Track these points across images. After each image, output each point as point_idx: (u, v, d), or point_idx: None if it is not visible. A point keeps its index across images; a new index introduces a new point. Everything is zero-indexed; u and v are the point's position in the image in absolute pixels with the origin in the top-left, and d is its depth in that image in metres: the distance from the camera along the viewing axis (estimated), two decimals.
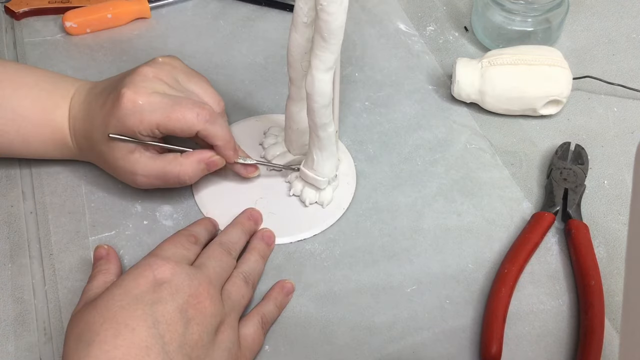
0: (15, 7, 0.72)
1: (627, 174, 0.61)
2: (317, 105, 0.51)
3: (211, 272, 0.48)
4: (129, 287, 0.44)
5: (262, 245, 0.55)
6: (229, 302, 0.48)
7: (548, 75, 0.63)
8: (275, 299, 0.52)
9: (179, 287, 0.45)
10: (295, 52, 0.52)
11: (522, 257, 0.54)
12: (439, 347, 0.51)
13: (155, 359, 0.42)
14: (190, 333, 0.44)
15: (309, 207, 0.58)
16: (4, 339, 0.50)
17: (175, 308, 0.44)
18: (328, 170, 0.56)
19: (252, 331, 0.49)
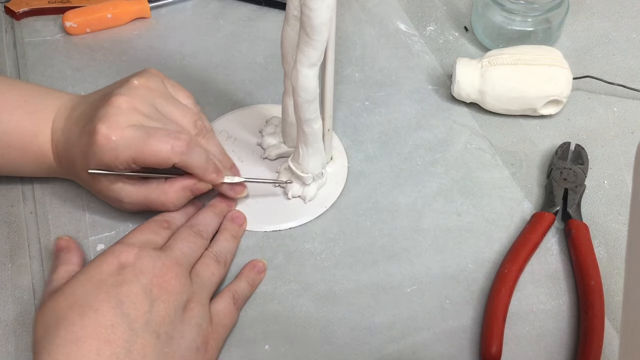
0: (15, 7, 0.72)
1: (627, 174, 0.61)
2: (300, 99, 0.51)
3: (177, 253, 0.49)
4: (93, 272, 0.46)
5: (232, 226, 0.56)
6: (197, 280, 0.49)
7: (548, 75, 0.63)
8: (247, 276, 0.53)
9: (142, 269, 0.46)
10: (286, 44, 0.52)
11: (522, 257, 0.54)
12: (439, 347, 0.51)
13: (121, 336, 0.43)
14: (156, 311, 0.45)
15: (291, 200, 0.58)
16: (4, 339, 0.50)
17: (139, 288, 0.45)
18: (313, 166, 0.56)
19: (223, 307, 0.50)
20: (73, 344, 0.42)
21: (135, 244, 0.48)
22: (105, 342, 0.42)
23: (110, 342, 0.42)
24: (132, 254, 0.47)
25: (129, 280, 0.45)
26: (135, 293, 0.44)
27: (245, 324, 0.52)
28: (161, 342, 0.44)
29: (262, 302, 0.53)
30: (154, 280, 0.46)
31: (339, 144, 0.63)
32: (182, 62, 0.69)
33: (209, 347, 0.47)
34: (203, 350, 0.47)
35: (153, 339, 0.44)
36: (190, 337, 0.46)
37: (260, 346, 0.51)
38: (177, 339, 0.45)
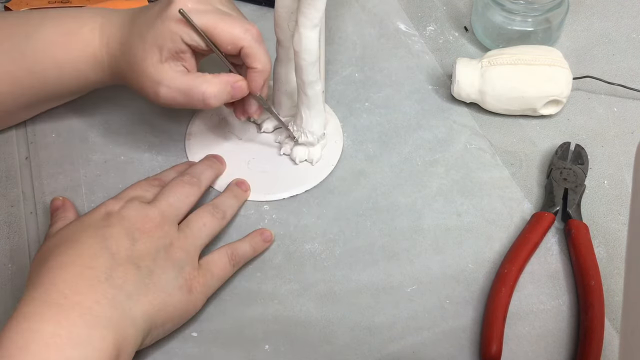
0: (15, 7, 0.72)
1: (627, 174, 0.61)
2: (304, 62, 0.53)
3: (164, 204, 0.51)
4: (83, 218, 0.50)
5: (236, 188, 0.57)
6: (186, 229, 0.51)
7: (548, 75, 0.63)
8: (252, 239, 0.55)
9: (126, 216, 0.49)
10: (282, 11, 0.54)
11: (522, 257, 0.54)
12: (439, 347, 0.51)
13: (103, 263, 0.46)
14: (137, 247, 0.48)
15: (299, 165, 0.60)
16: None
17: (121, 229, 0.48)
18: (316, 128, 0.58)
19: (217, 257, 0.52)
20: (58, 269, 0.45)
21: (124, 197, 0.51)
22: (87, 267, 0.45)
23: (92, 267, 0.46)
24: (119, 205, 0.50)
25: (113, 224, 0.48)
26: (117, 232, 0.48)
27: (245, 324, 0.52)
28: (142, 273, 0.47)
29: (262, 302, 0.53)
30: (136, 225, 0.49)
31: (327, 106, 0.64)
32: None
33: (194, 290, 0.49)
34: (186, 290, 0.49)
35: (133, 269, 0.47)
36: (171, 275, 0.48)
37: (260, 346, 0.51)
38: (157, 274, 0.48)
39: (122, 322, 0.45)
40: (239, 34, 0.52)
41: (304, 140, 0.59)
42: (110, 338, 0.44)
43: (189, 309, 0.49)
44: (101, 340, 0.43)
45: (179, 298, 0.48)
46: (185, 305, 0.49)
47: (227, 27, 0.52)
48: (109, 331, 0.44)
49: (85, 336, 0.43)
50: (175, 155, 0.61)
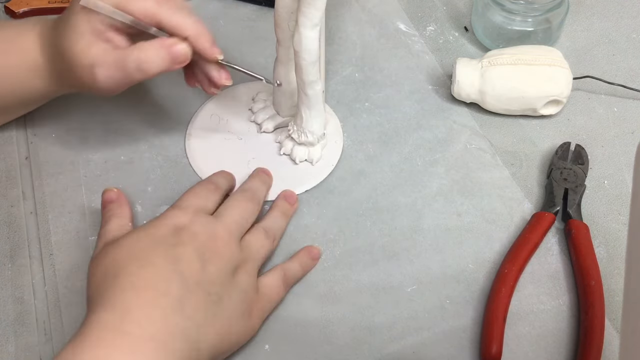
0: (15, 7, 0.72)
1: (627, 174, 0.61)
2: (304, 62, 0.53)
3: (229, 220, 0.50)
4: (151, 231, 0.48)
5: (284, 204, 0.57)
6: (247, 250, 0.50)
7: (548, 75, 0.63)
8: (301, 259, 0.54)
9: (196, 233, 0.48)
10: (282, 11, 0.54)
11: (522, 257, 0.54)
12: (439, 347, 0.51)
13: (176, 290, 0.44)
14: (208, 272, 0.46)
15: (299, 164, 0.60)
16: (4, 339, 0.50)
17: (193, 249, 0.47)
18: (316, 128, 0.58)
19: (271, 280, 0.51)
20: (131, 292, 0.44)
21: (190, 208, 0.50)
22: (161, 293, 0.44)
23: (166, 294, 0.44)
24: (187, 218, 0.49)
25: (183, 242, 0.47)
26: (189, 253, 0.46)
27: None
28: (211, 301, 0.46)
29: None
30: (207, 244, 0.47)
31: (327, 105, 0.64)
32: None
33: (253, 315, 0.49)
34: (247, 316, 0.48)
35: (204, 297, 0.45)
36: (237, 300, 0.47)
37: (260, 346, 0.51)
38: (225, 301, 0.47)
39: (190, 355, 0.44)
40: (152, 9, 0.50)
41: (304, 140, 0.59)
42: None
43: (247, 333, 0.49)
44: None
45: (241, 324, 0.48)
46: (245, 330, 0.48)
47: (139, 3, 0.50)
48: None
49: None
50: (175, 155, 0.61)
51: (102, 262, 0.47)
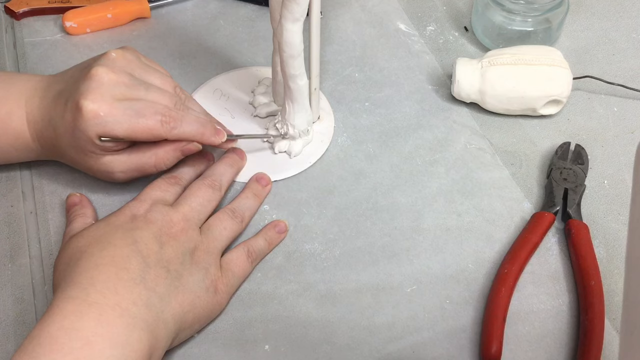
0: (15, 7, 0.72)
1: (627, 174, 0.61)
2: (285, 55, 0.54)
3: (186, 208, 0.52)
4: (110, 220, 0.50)
5: (255, 185, 0.58)
6: (207, 232, 0.52)
7: (548, 75, 0.63)
8: (266, 234, 0.55)
9: (152, 220, 0.50)
10: (274, 3, 0.55)
11: (522, 257, 0.54)
12: (439, 347, 0.51)
13: (136, 265, 0.46)
14: (165, 252, 0.48)
15: (277, 155, 0.61)
16: (4, 339, 0.50)
17: (150, 233, 0.49)
18: (299, 122, 0.59)
19: (235, 257, 0.53)
20: (94, 269, 0.45)
21: (147, 199, 0.52)
22: (122, 268, 0.46)
23: (127, 269, 0.46)
24: (144, 208, 0.51)
25: (140, 227, 0.49)
26: (146, 236, 0.48)
27: (245, 324, 0.52)
28: (171, 277, 0.48)
29: (262, 302, 0.53)
30: (162, 230, 0.49)
31: (327, 105, 0.65)
32: (182, 62, 0.69)
33: (219, 290, 0.50)
34: (212, 291, 0.50)
35: (164, 272, 0.48)
36: (198, 277, 0.49)
37: (260, 346, 0.51)
38: (185, 277, 0.49)
39: (156, 324, 0.45)
40: (157, 131, 0.52)
41: (286, 132, 0.59)
42: (145, 340, 0.44)
43: (215, 308, 0.50)
44: (139, 341, 0.44)
45: (206, 299, 0.49)
46: (212, 306, 0.50)
47: (144, 129, 0.51)
48: (145, 333, 0.44)
49: (125, 337, 0.43)
50: None
51: (65, 253, 0.49)
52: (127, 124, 0.51)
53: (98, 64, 0.52)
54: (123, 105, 0.51)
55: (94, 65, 0.52)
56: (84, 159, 0.54)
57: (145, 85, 0.53)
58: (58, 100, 0.53)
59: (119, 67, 0.53)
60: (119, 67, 0.53)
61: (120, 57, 0.53)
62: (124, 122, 0.51)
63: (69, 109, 0.51)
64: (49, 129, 0.53)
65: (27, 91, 0.55)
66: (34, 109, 0.54)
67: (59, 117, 0.52)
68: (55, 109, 0.53)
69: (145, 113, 0.51)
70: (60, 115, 0.52)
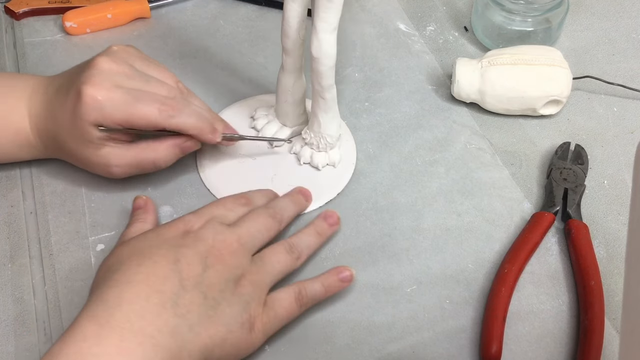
0: (15, 7, 0.72)
1: (627, 174, 0.61)
2: (324, 67, 0.53)
3: (243, 231, 0.49)
4: (160, 232, 0.48)
5: (321, 223, 0.55)
6: (259, 262, 0.49)
7: (548, 75, 0.63)
8: (325, 279, 0.51)
9: (202, 238, 0.47)
10: (293, 22, 0.53)
11: (522, 257, 0.54)
12: (439, 347, 0.51)
13: (171, 288, 0.44)
14: (207, 276, 0.46)
15: (322, 170, 0.59)
16: (4, 339, 0.50)
17: (195, 252, 0.46)
18: (334, 130, 0.58)
19: (283, 296, 0.49)
20: (125, 286, 0.44)
21: (205, 215, 0.50)
22: (155, 290, 0.44)
23: (160, 291, 0.44)
24: (198, 224, 0.49)
25: (188, 244, 0.47)
26: (191, 255, 0.46)
27: None
28: (207, 304, 0.45)
29: None
30: (211, 250, 0.47)
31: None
32: (182, 62, 0.69)
33: (255, 329, 0.47)
34: (247, 328, 0.46)
35: (200, 299, 0.45)
36: (237, 309, 0.46)
37: (260, 346, 0.51)
38: (223, 307, 0.46)
39: (180, 355, 0.43)
40: (154, 119, 0.52)
41: (324, 144, 0.58)
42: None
43: (247, 347, 0.47)
44: None
45: (238, 335, 0.46)
46: (244, 344, 0.47)
47: (141, 115, 0.51)
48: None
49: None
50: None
51: (108, 260, 0.47)
52: (124, 109, 0.51)
53: (100, 54, 0.53)
54: (121, 91, 0.51)
55: (96, 57, 0.53)
56: (82, 150, 0.53)
57: (146, 76, 0.54)
58: (59, 92, 0.53)
59: (121, 58, 0.53)
60: (120, 58, 0.53)
61: (122, 50, 0.54)
62: (121, 108, 0.51)
63: (69, 97, 0.52)
64: (50, 121, 0.54)
65: (30, 88, 0.55)
66: (36, 103, 0.54)
67: (60, 106, 0.53)
68: (57, 101, 0.53)
69: (143, 99, 0.51)
70: (61, 104, 0.53)
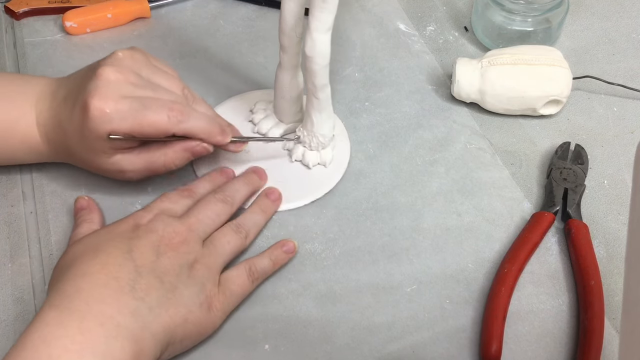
0: (15, 7, 0.72)
1: (627, 174, 0.61)
2: (317, 66, 0.53)
3: (192, 220, 0.51)
4: (110, 228, 0.50)
5: (264, 200, 0.57)
6: (210, 246, 0.51)
7: (548, 75, 0.63)
8: (271, 253, 0.54)
9: (153, 229, 0.49)
10: (290, 20, 0.53)
11: (522, 257, 0.54)
12: (439, 347, 0.51)
13: (127, 274, 0.46)
14: (162, 262, 0.47)
15: (312, 169, 0.60)
16: (4, 339, 0.50)
17: (147, 242, 0.48)
18: (327, 130, 0.58)
19: (235, 274, 0.51)
20: (82, 278, 0.45)
21: (154, 209, 0.51)
22: (112, 277, 0.45)
23: (116, 278, 0.45)
24: (147, 218, 0.50)
25: (139, 236, 0.48)
26: (143, 245, 0.48)
27: (245, 324, 0.52)
28: (164, 288, 0.47)
29: (262, 302, 0.53)
30: (162, 240, 0.48)
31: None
32: (182, 62, 0.69)
33: (213, 308, 0.49)
34: (206, 308, 0.48)
35: (157, 283, 0.46)
36: (193, 291, 0.48)
37: (260, 346, 0.51)
38: (180, 289, 0.47)
39: (142, 334, 0.44)
40: (164, 125, 0.51)
41: (316, 143, 0.58)
42: (129, 349, 0.43)
43: (207, 326, 0.49)
44: (120, 350, 0.43)
45: (198, 315, 0.48)
46: (205, 322, 0.48)
47: (150, 123, 0.51)
48: (129, 342, 0.43)
49: (105, 345, 0.42)
50: None
51: (63, 259, 0.48)
52: (132, 118, 0.51)
53: (105, 63, 0.52)
54: (129, 101, 0.51)
55: (101, 64, 0.52)
56: (94, 158, 0.53)
57: (153, 85, 0.53)
58: (66, 102, 0.53)
59: (126, 67, 0.53)
60: (125, 66, 0.53)
61: (127, 57, 0.53)
62: (129, 117, 0.51)
63: (76, 109, 0.51)
64: (59, 130, 0.54)
65: (36, 94, 0.55)
66: (43, 111, 0.54)
67: (68, 118, 0.52)
68: (64, 111, 0.53)
69: (151, 106, 0.51)
70: (68, 116, 0.52)
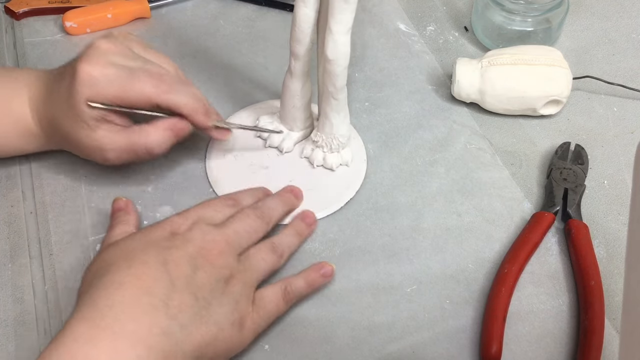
0: (15, 7, 0.72)
1: (627, 174, 0.61)
2: (340, 68, 0.53)
3: (230, 231, 0.50)
4: (146, 233, 0.48)
5: (299, 223, 0.56)
6: (245, 261, 0.49)
7: (548, 75, 0.63)
8: (308, 275, 0.52)
9: (190, 239, 0.47)
10: (305, 27, 0.53)
11: (522, 257, 0.54)
12: (439, 347, 0.51)
13: (161, 290, 0.44)
14: (197, 277, 0.46)
15: (336, 171, 0.59)
16: (4, 339, 0.50)
17: (184, 254, 0.46)
18: (345, 130, 0.58)
19: (270, 293, 0.50)
20: (115, 289, 0.44)
21: (192, 217, 0.50)
22: (145, 292, 0.44)
23: (150, 293, 0.44)
24: (185, 225, 0.49)
25: (176, 246, 0.47)
26: (180, 257, 0.46)
27: None
28: (198, 305, 0.45)
29: None
30: (200, 252, 0.47)
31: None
32: (182, 62, 0.69)
33: (245, 327, 0.48)
34: (238, 326, 0.47)
35: (191, 299, 0.45)
36: (227, 309, 0.47)
37: (260, 346, 0.51)
38: (214, 306, 0.46)
39: (173, 355, 0.43)
40: (149, 93, 0.52)
41: (336, 145, 0.58)
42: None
43: (237, 345, 0.48)
44: None
45: (230, 333, 0.46)
46: (235, 341, 0.47)
47: (136, 90, 0.51)
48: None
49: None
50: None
51: (95, 263, 0.47)
52: (119, 84, 0.51)
53: (99, 38, 0.53)
54: (117, 67, 0.51)
55: (96, 39, 0.53)
56: (77, 131, 0.53)
57: (144, 60, 0.54)
58: (59, 75, 0.54)
59: (120, 42, 0.54)
60: (119, 41, 0.54)
61: (122, 35, 0.55)
62: (115, 83, 0.51)
63: (67, 74, 0.52)
64: (48, 104, 0.54)
65: (31, 77, 0.56)
66: (37, 90, 0.55)
67: (57, 87, 0.53)
68: (56, 83, 0.54)
69: (139, 75, 0.52)
70: (58, 85, 0.53)
